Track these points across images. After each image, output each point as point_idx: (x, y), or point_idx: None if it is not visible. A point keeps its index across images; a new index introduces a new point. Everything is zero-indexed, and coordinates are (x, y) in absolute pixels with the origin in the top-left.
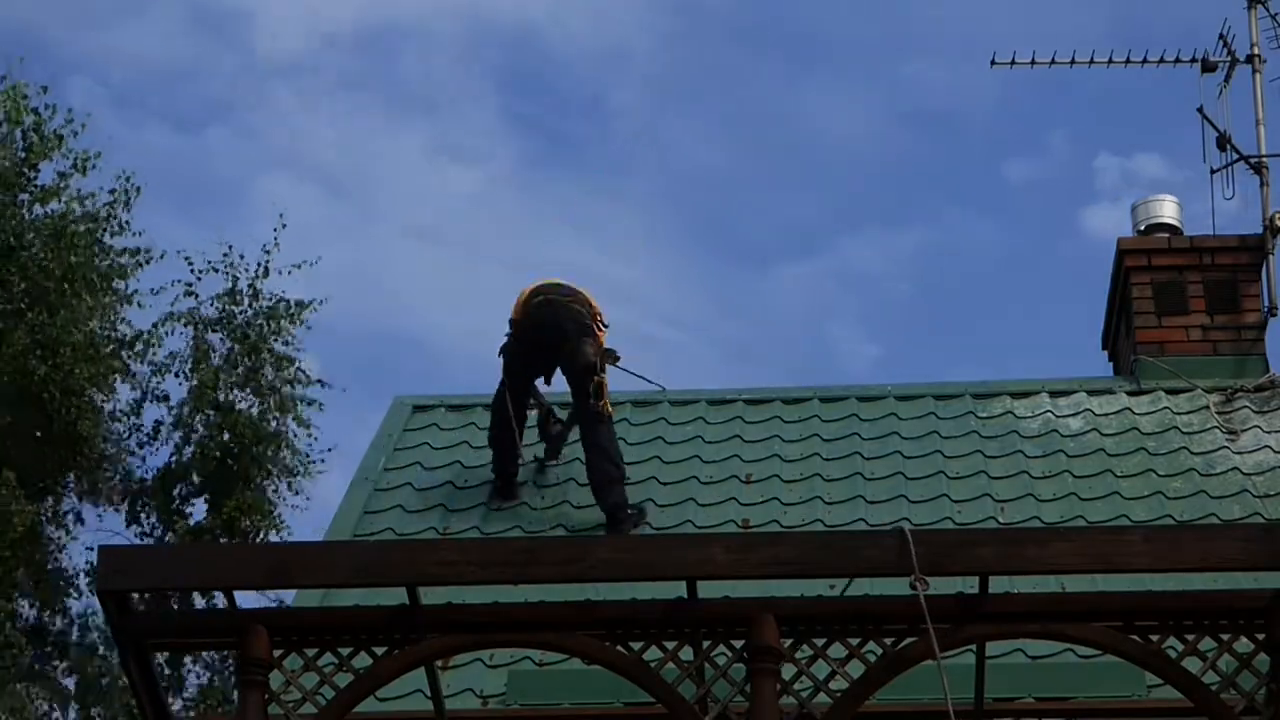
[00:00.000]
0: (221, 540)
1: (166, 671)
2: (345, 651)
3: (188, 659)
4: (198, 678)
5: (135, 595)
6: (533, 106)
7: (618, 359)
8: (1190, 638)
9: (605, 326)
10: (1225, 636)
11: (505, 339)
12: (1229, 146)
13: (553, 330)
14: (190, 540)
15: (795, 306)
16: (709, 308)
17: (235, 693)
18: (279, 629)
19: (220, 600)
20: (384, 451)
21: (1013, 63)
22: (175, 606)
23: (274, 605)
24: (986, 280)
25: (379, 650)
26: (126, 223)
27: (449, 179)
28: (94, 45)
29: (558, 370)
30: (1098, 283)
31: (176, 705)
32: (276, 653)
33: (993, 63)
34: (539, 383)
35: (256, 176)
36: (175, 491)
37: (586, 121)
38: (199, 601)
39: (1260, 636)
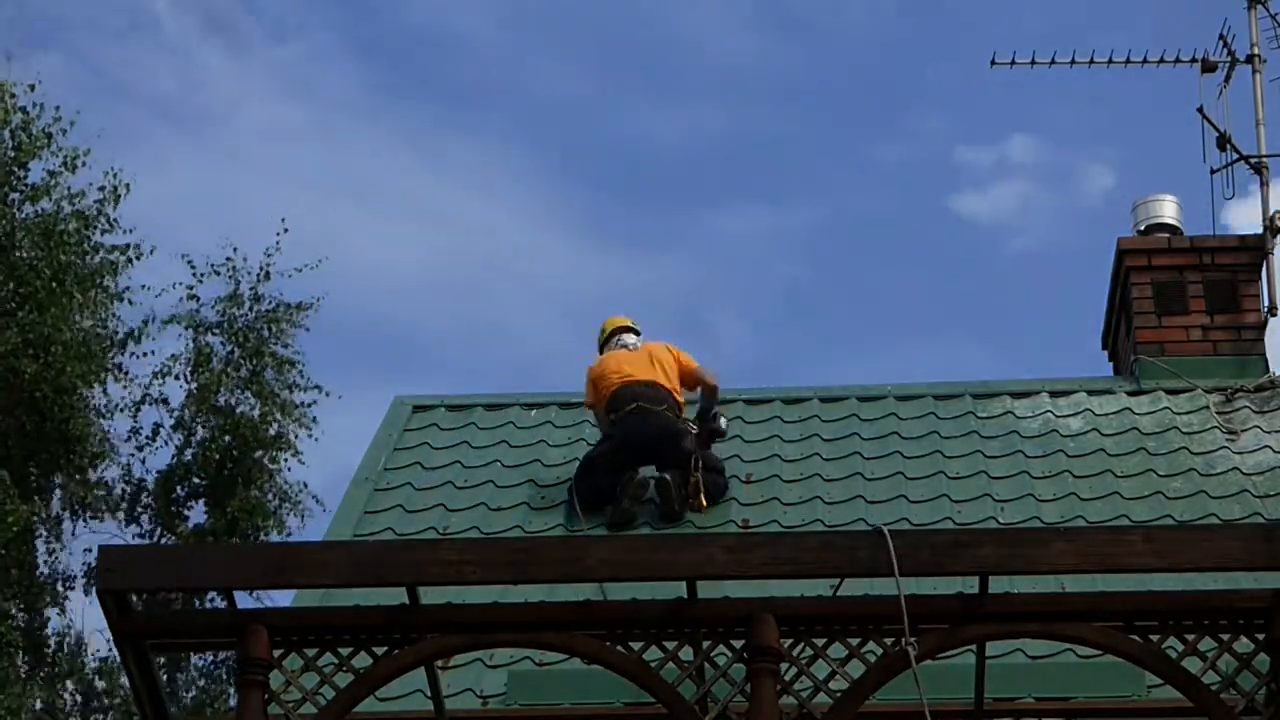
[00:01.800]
0: (223, 541)
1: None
2: (345, 651)
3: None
4: (186, 690)
5: (135, 595)
6: (377, 31)
7: (721, 435)
8: (1190, 638)
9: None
10: (1225, 636)
11: (598, 442)
12: (1229, 146)
13: (647, 444)
14: (192, 541)
15: (661, 236)
16: (571, 243)
17: (234, 693)
18: (279, 629)
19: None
20: (384, 451)
21: (1013, 62)
22: (175, 606)
23: (269, 605)
24: None
25: (379, 650)
26: (115, 220)
27: (290, 106)
28: None
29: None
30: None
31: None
32: (276, 653)
33: (993, 62)
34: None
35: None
36: (175, 494)
37: (437, 50)
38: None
39: (1260, 636)
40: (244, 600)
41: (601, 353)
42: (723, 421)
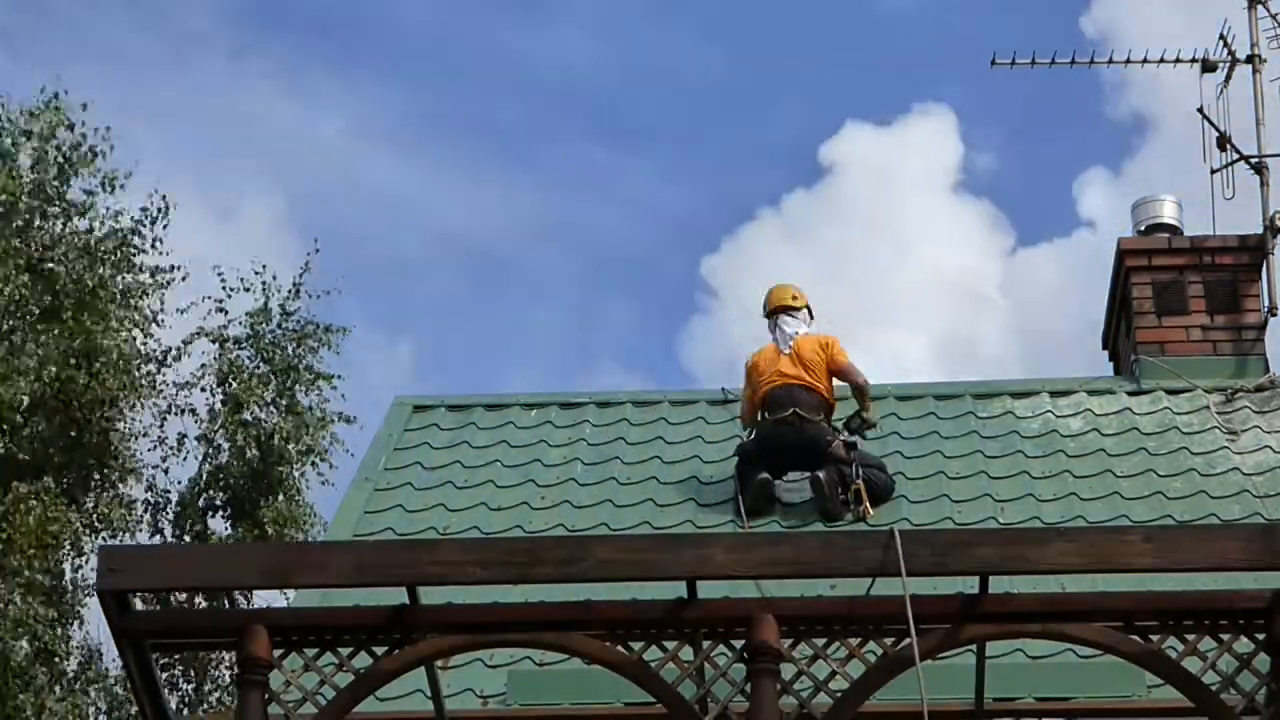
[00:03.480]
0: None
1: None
2: (345, 651)
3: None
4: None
5: (135, 595)
6: None
7: (870, 426)
8: (1190, 638)
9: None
10: (1225, 636)
11: (744, 437)
12: (1229, 146)
13: (795, 454)
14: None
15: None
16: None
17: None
18: (279, 629)
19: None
20: (384, 451)
21: (1013, 63)
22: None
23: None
24: None
25: (379, 650)
26: (157, 241)
27: (145, 40)
28: None
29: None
30: None
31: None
32: (276, 653)
33: (993, 62)
34: None
35: None
36: (200, 503)
37: None
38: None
39: (1260, 636)
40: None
41: (768, 319)
42: (873, 414)
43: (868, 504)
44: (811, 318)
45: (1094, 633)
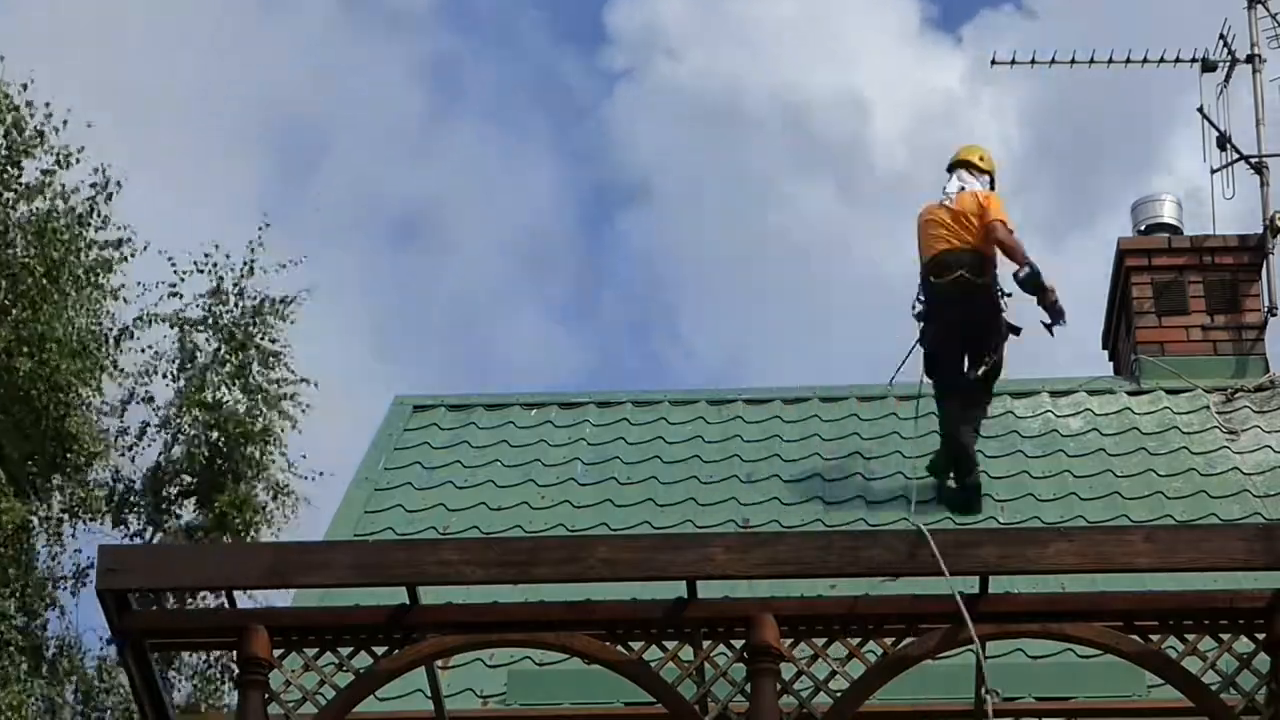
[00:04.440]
0: (214, 538)
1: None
2: (345, 651)
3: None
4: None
5: (134, 595)
6: None
7: (1018, 331)
8: (1190, 638)
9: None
10: (1225, 636)
11: (916, 303)
12: (1229, 146)
13: (970, 329)
14: (184, 539)
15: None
16: None
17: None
18: (279, 629)
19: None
20: (384, 451)
21: (1013, 62)
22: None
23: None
24: None
25: (379, 650)
26: (107, 217)
27: None
28: None
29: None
30: None
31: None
32: (276, 653)
33: (993, 62)
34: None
35: None
36: (164, 492)
37: None
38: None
39: (1260, 636)
40: (244, 600)
41: (947, 172)
42: (1022, 273)
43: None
44: (992, 187)
45: (1094, 633)
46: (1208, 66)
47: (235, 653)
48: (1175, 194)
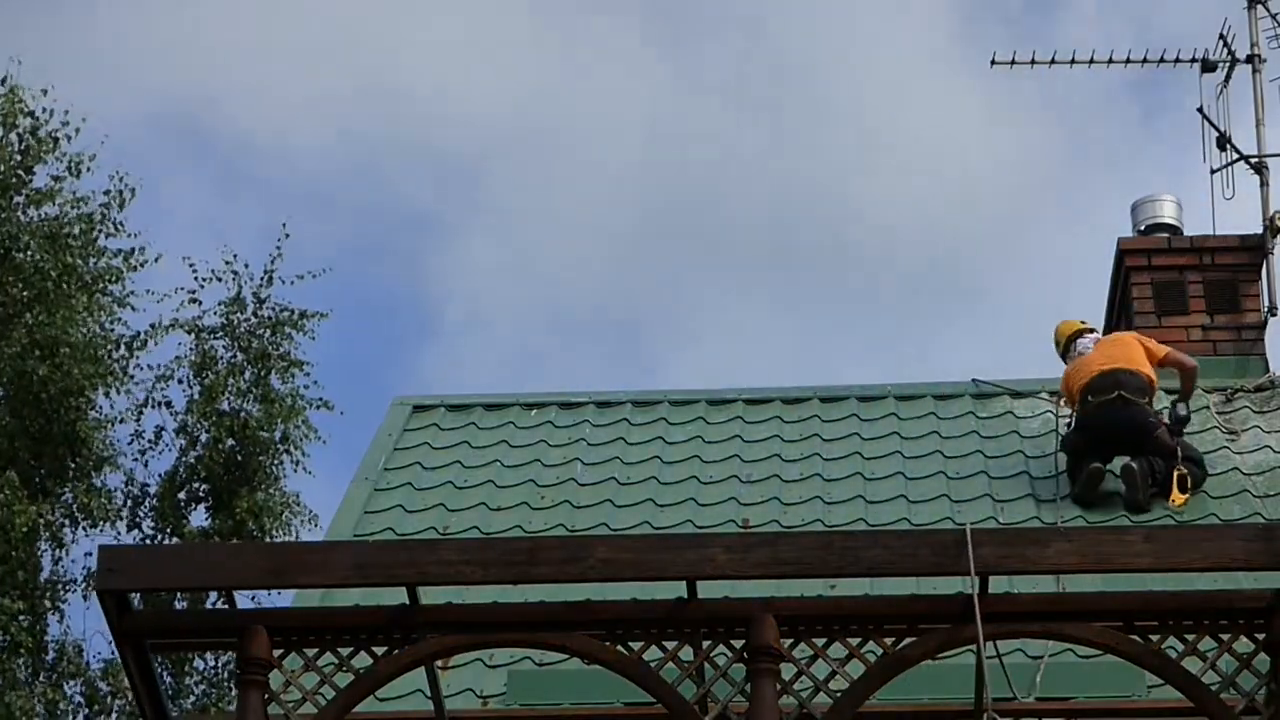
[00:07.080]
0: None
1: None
2: (345, 651)
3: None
4: (187, 695)
5: (135, 595)
6: None
7: (1185, 421)
8: (1190, 638)
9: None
10: (1225, 636)
11: (1066, 429)
12: (1229, 146)
13: (1120, 435)
14: (195, 541)
15: None
16: None
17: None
18: (279, 629)
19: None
20: (384, 451)
21: (1013, 63)
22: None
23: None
24: None
25: (379, 650)
26: (121, 224)
27: None
28: None
29: None
30: None
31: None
32: (276, 653)
33: (993, 62)
34: None
35: None
36: (179, 497)
37: None
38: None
39: (1260, 636)
40: (244, 600)
41: (1065, 359)
42: (1182, 409)
43: (1176, 492)
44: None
45: (1094, 633)
46: (1208, 66)
47: (235, 653)
48: (1174, 194)
